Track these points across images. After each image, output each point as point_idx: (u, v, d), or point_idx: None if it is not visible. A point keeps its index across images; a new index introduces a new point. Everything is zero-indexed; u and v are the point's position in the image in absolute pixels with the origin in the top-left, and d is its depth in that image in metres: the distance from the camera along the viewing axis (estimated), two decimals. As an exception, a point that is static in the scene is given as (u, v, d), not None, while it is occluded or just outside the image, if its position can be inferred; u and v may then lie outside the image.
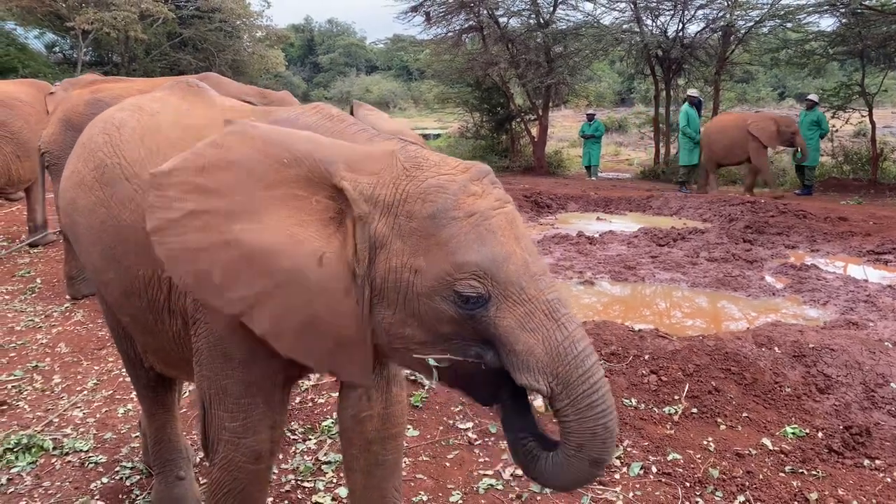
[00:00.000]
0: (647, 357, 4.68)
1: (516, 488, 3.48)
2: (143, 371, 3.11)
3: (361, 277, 1.92)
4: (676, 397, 4.30)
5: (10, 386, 4.66)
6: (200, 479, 3.53)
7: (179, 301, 2.38)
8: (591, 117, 17.29)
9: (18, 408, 4.35)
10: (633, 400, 4.28)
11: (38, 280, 7.07)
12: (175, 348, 2.57)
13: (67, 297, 6.45)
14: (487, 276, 1.83)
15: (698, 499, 3.41)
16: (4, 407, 4.33)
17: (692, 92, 14.95)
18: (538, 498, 3.41)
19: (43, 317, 6.02)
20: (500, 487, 3.49)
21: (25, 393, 4.56)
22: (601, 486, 3.49)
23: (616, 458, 3.72)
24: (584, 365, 1.84)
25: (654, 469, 3.65)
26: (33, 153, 7.37)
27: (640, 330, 5.06)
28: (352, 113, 2.42)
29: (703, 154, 13.57)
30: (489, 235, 1.85)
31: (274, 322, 1.96)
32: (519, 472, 3.60)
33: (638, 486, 3.51)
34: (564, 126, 27.94)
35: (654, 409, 4.21)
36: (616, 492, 3.45)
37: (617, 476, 3.59)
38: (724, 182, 15.08)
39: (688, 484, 3.53)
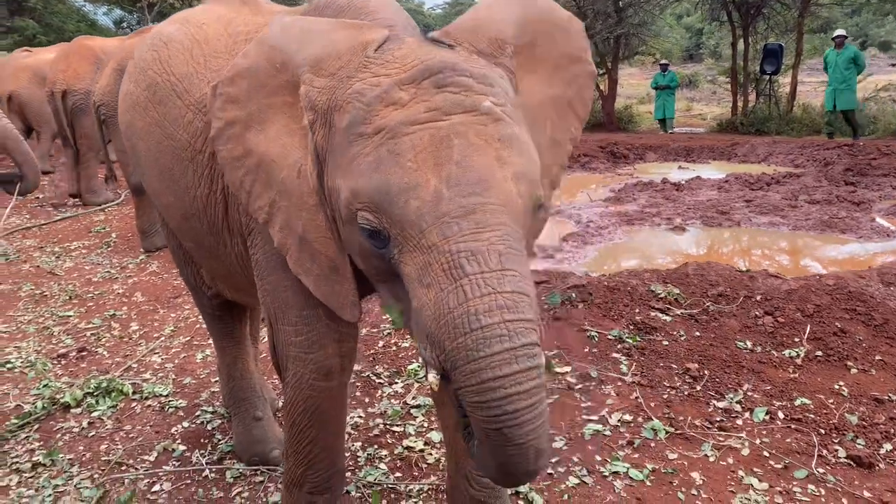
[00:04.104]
0: (759, 298, 4.24)
1: (626, 434, 3.15)
2: (206, 300, 3.03)
3: (319, 194, 1.72)
4: (797, 339, 3.86)
5: (88, 333, 4.58)
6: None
7: (235, 217, 2.21)
8: (664, 67, 16.49)
9: (98, 354, 4.25)
10: (747, 342, 3.86)
11: (114, 235, 7.05)
12: (240, 271, 2.40)
13: (141, 250, 6.39)
14: (380, 209, 1.47)
15: (837, 447, 3.00)
16: (84, 353, 4.24)
17: None
18: (652, 445, 3.07)
19: (119, 268, 5.96)
20: (607, 433, 3.17)
21: (104, 340, 4.46)
22: (722, 432, 3.12)
23: (736, 402, 3.34)
24: (479, 352, 1.36)
25: (780, 415, 3.25)
26: None
27: (748, 270, 4.61)
28: None
29: None
30: (389, 159, 1.47)
31: (281, 235, 1.85)
32: (628, 417, 3.27)
33: (765, 432, 3.12)
34: (631, 84, 27.00)
35: (773, 351, 3.79)
36: (741, 437, 3.07)
37: (739, 422, 3.21)
38: (809, 132, 14.11)
39: (822, 431, 3.12)
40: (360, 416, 3.38)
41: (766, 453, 2.97)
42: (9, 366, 4.10)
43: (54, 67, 8.20)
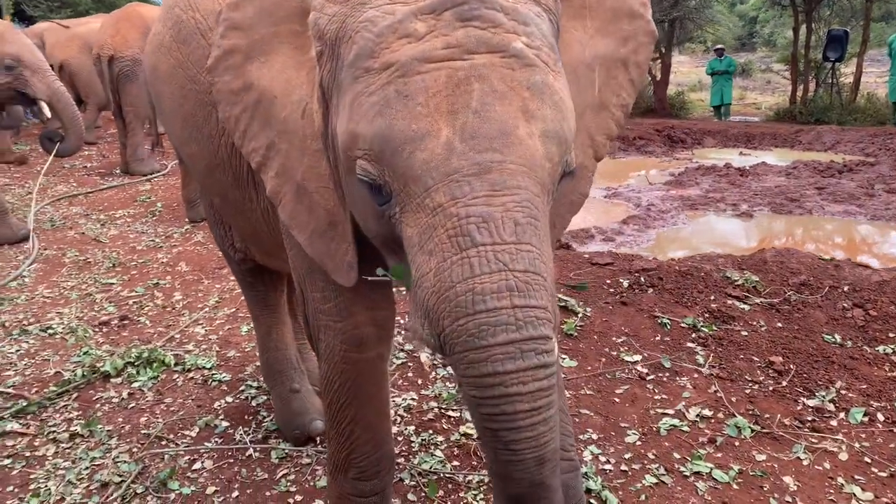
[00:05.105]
0: (846, 289, 3.89)
1: (706, 431, 2.86)
2: (236, 265, 2.86)
3: (323, 138, 1.50)
4: (892, 335, 3.52)
5: (131, 302, 4.43)
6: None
7: None
8: (720, 52, 15.86)
9: (140, 323, 4.10)
10: (836, 336, 3.52)
11: (159, 204, 6.94)
12: (266, 230, 2.19)
13: (187, 220, 6.25)
14: (381, 160, 1.24)
15: (950, 455, 2.67)
16: (126, 321, 4.09)
17: None
18: (737, 444, 2.78)
19: (163, 237, 5.83)
20: (685, 429, 2.88)
21: (146, 309, 4.31)
22: (816, 433, 2.81)
23: (829, 400, 3.02)
24: (481, 340, 1.16)
25: (880, 417, 2.93)
26: None
27: (832, 259, 4.26)
28: None
29: None
30: (397, 101, 1.22)
31: (277, 181, 1.67)
32: (707, 412, 2.98)
33: (864, 435, 2.81)
34: (682, 71, 26.22)
35: (865, 347, 3.45)
36: (837, 440, 2.76)
37: (833, 423, 2.89)
38: (874, 122, 13.42)
39: (931, 437, 2.79)
40: (412, 399, 3.15)
41: (867, 459, 2.66)
42: (50, 331, 3.97)
43: (103, 32, 8.10)
